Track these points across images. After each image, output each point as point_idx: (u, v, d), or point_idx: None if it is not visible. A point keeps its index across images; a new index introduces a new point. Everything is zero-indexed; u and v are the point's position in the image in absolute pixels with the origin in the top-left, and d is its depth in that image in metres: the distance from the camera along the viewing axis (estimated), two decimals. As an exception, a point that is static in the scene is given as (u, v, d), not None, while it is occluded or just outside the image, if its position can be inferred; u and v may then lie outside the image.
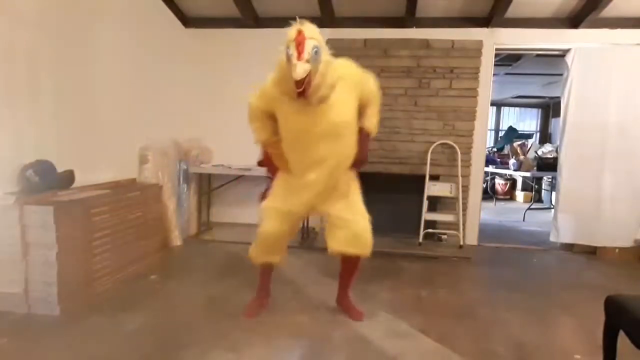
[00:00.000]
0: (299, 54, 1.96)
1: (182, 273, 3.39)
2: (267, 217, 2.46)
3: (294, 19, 2.12)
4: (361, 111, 2.39)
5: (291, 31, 2.02)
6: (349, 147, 2.37)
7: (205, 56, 4.73)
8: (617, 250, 4.13)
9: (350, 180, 2.50)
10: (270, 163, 2.58)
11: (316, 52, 1.99)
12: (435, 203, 4.42)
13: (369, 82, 2.39)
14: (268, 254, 2.56)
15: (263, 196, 2.60)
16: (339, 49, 4.28)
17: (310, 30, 2.02)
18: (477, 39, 4.20)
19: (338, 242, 2.41)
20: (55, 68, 2.98)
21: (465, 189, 4.31)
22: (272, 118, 2.41)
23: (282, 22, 5.07)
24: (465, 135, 4.28)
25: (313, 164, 2.31)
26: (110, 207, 2.97)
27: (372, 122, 2.45)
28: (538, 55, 4.91)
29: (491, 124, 9.85)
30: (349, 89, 2.26)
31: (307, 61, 1.96)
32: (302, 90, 2.02)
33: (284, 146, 2.40)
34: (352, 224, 2.40)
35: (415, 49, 4.26)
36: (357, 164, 2.47)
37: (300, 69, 1.94)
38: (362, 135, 2.43)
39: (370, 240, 2.43)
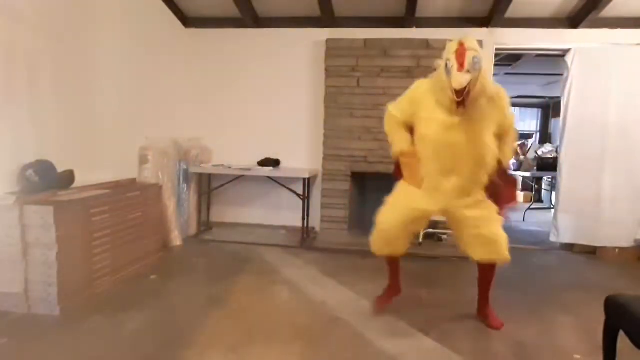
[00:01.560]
0: (460, 65, 2.05)
1: (182, 273, 3.39)
2: (387, 210, 2.49)
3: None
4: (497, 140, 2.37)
5: (453, 44, 2.13)
6: (485, 165, 2.35)
7: (205, 56, 4.73)
8: (617, 250, 4.13)
9: (485, 201, 2.44)
10: (405, 175, 2.54)
11: (476, 63, 2.07)
12: (435, 203, 4.41)
13: (511, 118, 2.42)
14: (387, 247, 2.57)
15: None
16: (339, 49, 4.35)
17: (471, 42, 2.13)
18: (477, 39, 4.16)
19: (475, 251, 2.45)
20: (55, 68, 2.98)
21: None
22: (409, 129, 2.44)
23: (282, 22, 5.10)
24: (465, 135, 4.27)
25: (449, 174, 2.34)
26: (110, 207, 2.97)
27: (507, 155, 2.45)
28: (538, 55, 4.91)
29: (491, 124, 9.82)
30: (495, 112, 2.30)
31: (468, 71, 2.05)
32: (461, 99, 2.10)
33: (422, 155, 2.39)
34: (492, 236, 2.39)
35: (416, 49, 4.26)
36: (498, 200, 2.40)
37: (461, 79, 2.04)
38: (499, 171, 2.39)
39: (507, 249, 2.42)
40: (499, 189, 2.40)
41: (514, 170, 6.95)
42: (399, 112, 2.45)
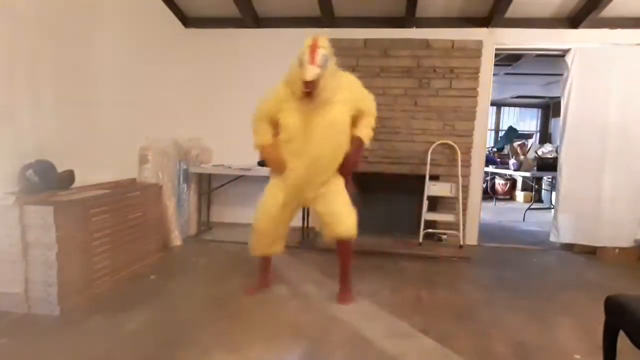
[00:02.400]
0: (312, 59, 2.31)
1: (182, 273, 3.39)
2: (259, 215, 2.78)
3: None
4: (355, 123, 2.66)
5: (307, 40, 2.38)
6: (339, 148, 2.65)
7: (205, 56, 4.73)
8: (617, 250, 4.13)
9: (337, 180, 2.75)
10: (271, 158, 2.80)
11: (325, 61, 2.35)
12: (435, 203, 4.42)
13: (367, 99, 2.68)
14: (264, 246, 2.87)
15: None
16: (339, 49, 4.31)
17: (323, 41, 2.40)
18: (477, 39, 4.20)
19: (326, 231, 2.76)
20: (55, 68, 2.98)
21: (465, 189, 4.31)
22: (273, 123, 2.69)
23: (282, 22, 5.11)
24: (465, 135, 4.28)
25: (307, 158, 2.59)
26: (110, 207, 2.97)
27: (364, 132, 2.66)
28: (538, 55, 4.91)
29: (491, 124, 9.85)
30: (346, 100, 2.56)
31: (318, 66, 2.30)
32: (309, 91, 2.37)
33: (284, 143, 2.65)
34: (335, 213, 2.69)
35: (415, 49, 4.26)
36: (345, 167, 2.69)
37: (311, 72, 2.30)
38: (354, 143, 2.66)
39: (351, 224, 2.68)
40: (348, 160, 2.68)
41: (514, 170, 6.97)
42: (265, 108, 2.72)
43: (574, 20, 4.12)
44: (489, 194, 8.03)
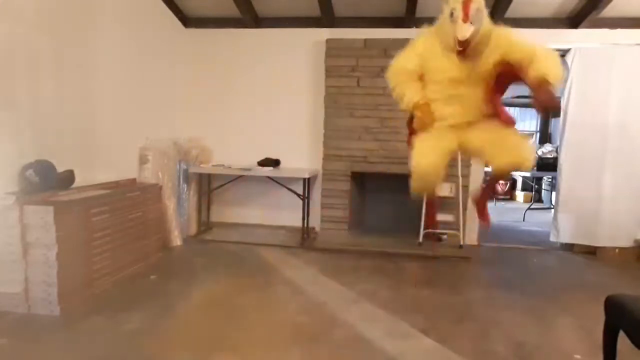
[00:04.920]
0: (465, 15, 2.09)
1: (182, 273, 3.39)
2: (419, 153, 2.44)
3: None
4: (518, 68, 2.31)
5: None
6: (482, 96, 2.43)
7: (205, 56, 4.73)
8: (617, 250, 4.13)
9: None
10: (418, 126, 2.57)
11: (480, 16, 2.13)
12: (435, 203, 4.41)
13: (518, 40, 2.36)
14: (427, 186, 2.64)
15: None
16: (339, 49, 4.35)
17: None
18: (477, 39, 4.19)
19: (500, 159, 2.38)
20: (55, 68, 2.98)
21: (465, 189, 4.31)
22: (418, 78, 2.46)
23: (282, 22, 5.10)
24: (465, 135, 4.27)
25: (455, 103, 2.43)
26: (110, 207, 2.97)
27: (544, 66, 2.23)
28: (538, 55, 4.91)
29: (491, 124, 9.82)
30: (496, 52, 2.31)
31: (471, 23, 2.09)
32: (462, 49, 2.18)
33: (432, 94, 2.45)
34: (501, 137, 2.40)
35: (415, 49, 4.25)
36: (542, 102, 2.25)
37: (466, 31, 2.09)
38: (535, 84, 2.20)
39: (529, 152, 2.42)
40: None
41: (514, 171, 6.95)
42: (408, 63, 2.48)
43: (574, 20, 4.12)
44: (489, 194, 8.01)
